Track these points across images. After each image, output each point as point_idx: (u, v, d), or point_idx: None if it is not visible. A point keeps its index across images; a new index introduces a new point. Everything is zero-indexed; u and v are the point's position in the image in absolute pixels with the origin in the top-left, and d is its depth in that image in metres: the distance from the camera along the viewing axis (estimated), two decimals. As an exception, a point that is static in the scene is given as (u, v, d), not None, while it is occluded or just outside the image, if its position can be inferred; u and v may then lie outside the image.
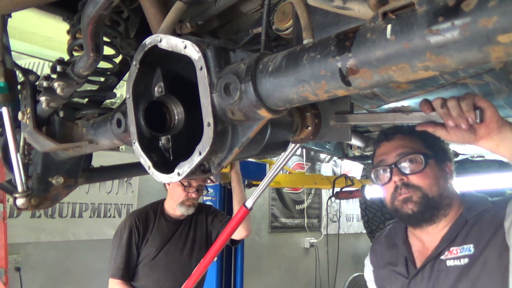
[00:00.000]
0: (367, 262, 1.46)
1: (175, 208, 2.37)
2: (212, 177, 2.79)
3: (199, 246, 2.43)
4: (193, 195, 2.35)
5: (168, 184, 2.40)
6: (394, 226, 1.41)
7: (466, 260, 1.11)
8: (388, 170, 1.22)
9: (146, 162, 0.85)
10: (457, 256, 1.13)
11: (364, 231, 4.02)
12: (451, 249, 1.15)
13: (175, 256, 2.34)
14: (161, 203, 2.48)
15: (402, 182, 1.19)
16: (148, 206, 2.50)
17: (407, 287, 1.22)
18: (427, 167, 1.18)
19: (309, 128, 1.01)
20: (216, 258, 2.98)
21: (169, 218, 2.42)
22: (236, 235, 2.33)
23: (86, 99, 1.51)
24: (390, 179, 1.21)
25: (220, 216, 2.55)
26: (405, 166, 1.20)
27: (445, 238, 1.18)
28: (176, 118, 0.88)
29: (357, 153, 2.58)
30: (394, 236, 1.35)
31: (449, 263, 1.14)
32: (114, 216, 3.86)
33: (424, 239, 1.24)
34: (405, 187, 1.18)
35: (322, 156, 6.02)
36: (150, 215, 2.40)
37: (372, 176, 1.29)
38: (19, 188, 1.19)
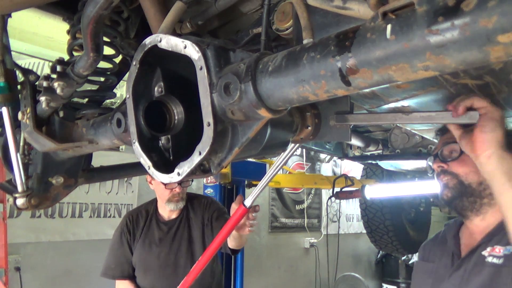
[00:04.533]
0: (417, 254, 1.49)
1: (164, 206, 2.33)
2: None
3: (194, 247, 2.33)
4: (177, 190, 2.27)
5: (151, 183, 2.37)
6: (451, 222, 1.43)
7: (502, 260, 1.11)
8: (433, 159, 1.29)
9: (146, 162, 0.85)
10: (499, 255, 1.14)
11: (364, 231, 4.01)
12: (495, 247, 1.16)
13: (167, 259, 2.27)
14: (155, 201, 2.44)
15: (441, 169, 1.24)
16: (143, 205, 2.49)
17: (448, 278, 1.23)
18: (464, 155, 1.19)
19: (309, 128, 1.01)
20: (216, 258, 2.96)
21: (161, 219, 2.37)
22: (232, 244, 2.21)
23: (86, 99, 1.51)
24: (432, 167, 1.28)
25: (217, 213, 2.39)
26: (446, 155, 1.25)
27: (490, 233, 1.20)
28: (176, 118, 0.88)
29: (357, 153, 2.58)
30: (447, 232, 1.38)
31: (488, 259, 1.15)
32: (114, 216, 3.86)
33: (474, 232, 1.26)
34: (443, 173, 1.24)
35: (322, 156, 6.02)
36: (141, 215, 2.39)
37: (427, 169, 1.37)
38: (19, 188, 1.19)
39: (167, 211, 2.36)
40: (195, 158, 0.74)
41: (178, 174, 0.78)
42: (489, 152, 0.93)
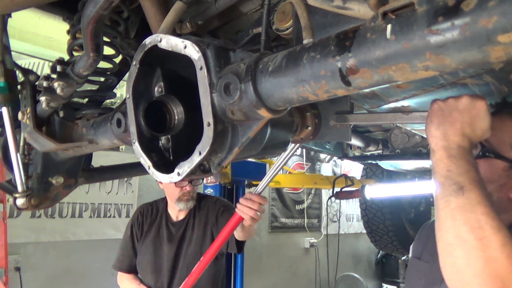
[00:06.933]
0: (410, 249, 1.38)
1: (174, 206, 2.29)
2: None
3: (196, 250, 2.24)
4: (188, 188, 2.23)
5: (161, 182, 2.32)
6: None
7: None
8: None
9: (146, 162, 0.85)
10: None
11: (364, 231, 4.01)
12: None
13: (169, 260, 2.23)
14: (165, 199, 2.41)
15: None
16: (156, 201, 2.47)
17: (439, 284, 1.09)
18: (480, 160, 0.98)
19: (309, 128, 1.02)
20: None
21: (170, 220, 2.35)
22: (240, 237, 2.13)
23: (86, 99, 1.51)
24: None
25: (222, 208, 2.32)
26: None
27: None
28: (176, 118, 0.88)
29: (357, 153, 2.58)
30: None
31: None
32: (114, 216, 3.86)
33: None
34: None
35: (322, 156, 6.02)
36: (152, 210, 2.39)
37: None
38: (19, 188, 1.19)
39: (176, 210, 2.32)
40: (195, 158, 0.74)
41: (178, 174, 0.78)
42: (431, 149, 0.83)
